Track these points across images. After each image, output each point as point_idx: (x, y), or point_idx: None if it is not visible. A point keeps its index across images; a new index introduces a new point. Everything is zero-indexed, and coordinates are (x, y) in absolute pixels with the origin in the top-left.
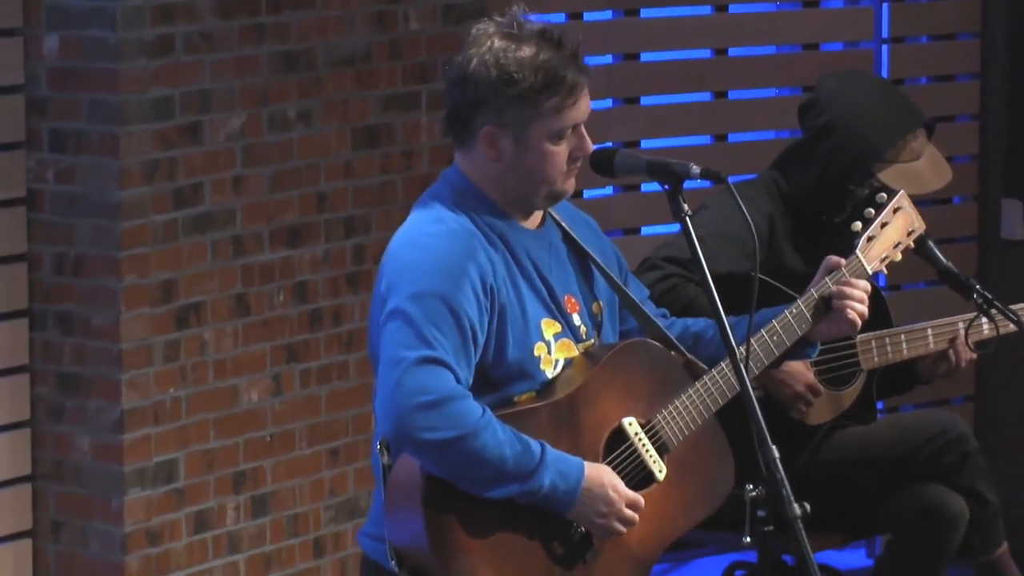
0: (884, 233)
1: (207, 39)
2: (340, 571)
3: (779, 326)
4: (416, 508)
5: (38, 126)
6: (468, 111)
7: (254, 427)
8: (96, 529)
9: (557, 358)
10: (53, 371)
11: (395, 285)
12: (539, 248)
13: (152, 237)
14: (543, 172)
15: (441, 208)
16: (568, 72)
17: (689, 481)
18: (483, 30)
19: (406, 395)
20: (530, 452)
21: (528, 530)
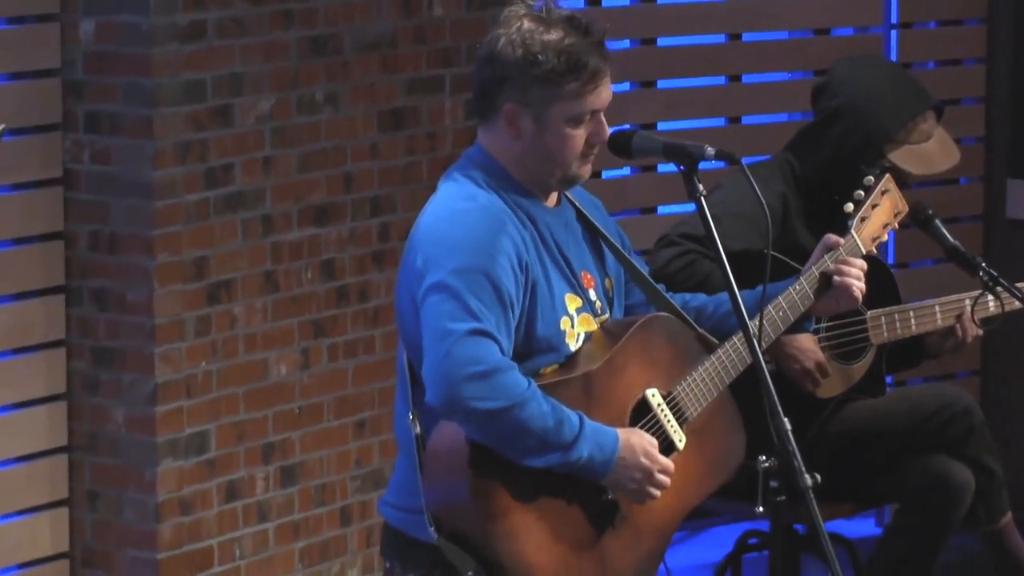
0: (875, 214)
1: (238, 24)
2: (366, 539)
3: (784, 303)
4: (460, 474)
5: (74, 108)
6: (493, 88)
7: (283, 400)
8: (130, 498)
9: (579, 332)
10: (89, 345)
11: (434, 259)
12: (558, 226)
13: (184, 216)
14: (559, 154)
15: (471, 185)
16: (591, 59)
17: (706, 450)
18: (514, 12)
19: (456, 366)
20: (570, 423)
21: (563, 496)
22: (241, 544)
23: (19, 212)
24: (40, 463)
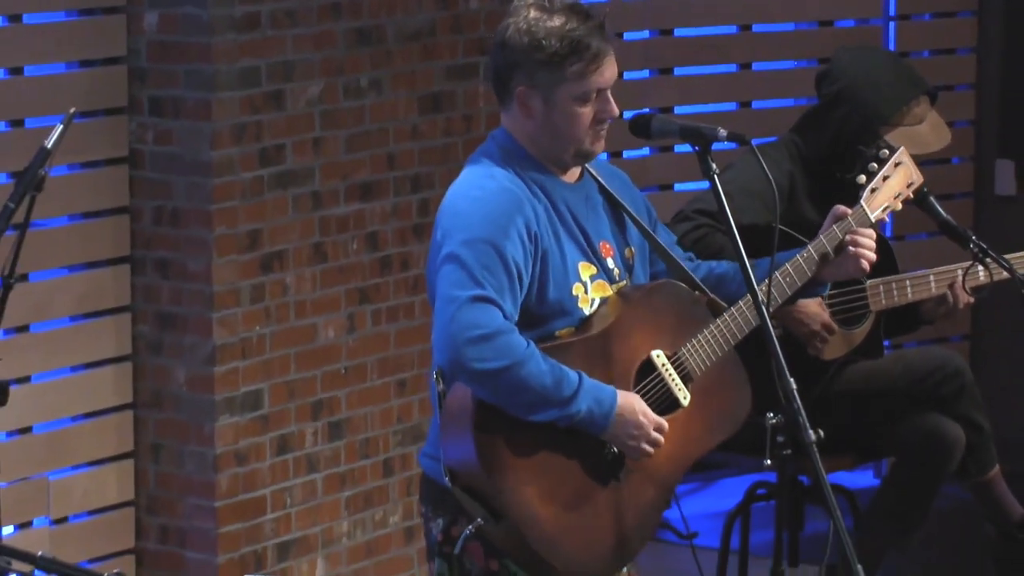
0: (886, 185)
1: (290, 16)
2: (406, 489)
3: (791, 268)
4: (467, 430)
5: (139, 94)
6: (505, 73)
7: (330, 361)
8: (191, 451)
9: (593, 297)
10: (152, 311)
11: (449, 233)
12: (577, 199)
13: (240, 192)
14: (570, 131)
15: (491, 165)
16: (592, 41)
17: (711, 407)
18: (522, 2)
19: (460, 329)
20: (569, 380)
21: (567, 450)
22: (292, 493)
23: (89, 189)
24: (108, 419)
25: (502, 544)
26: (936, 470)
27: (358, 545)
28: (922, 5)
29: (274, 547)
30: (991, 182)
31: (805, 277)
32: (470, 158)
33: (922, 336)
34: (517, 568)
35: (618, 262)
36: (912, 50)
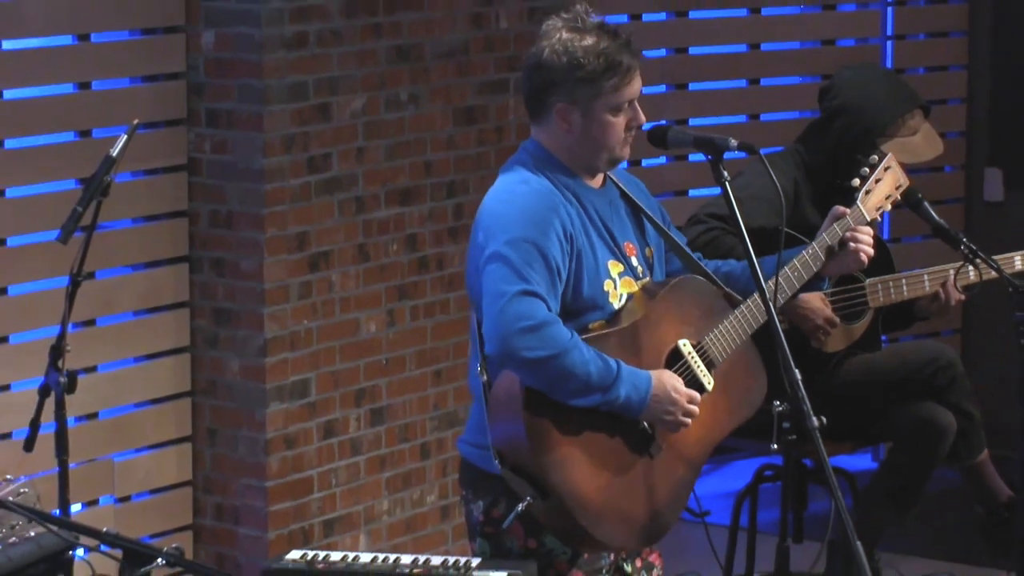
0: (878, 188)
1: (335, 35)
2: (442, 470)
3: (799, 264)
4: (517, 414)
5: (197, 106)
6: (543, 92)
7: (372, 353)
8: (243, 436)
9: (622, 292)
10: (209, 306)
11: (492, 233)
12: (602, 203)
13: (289, 197)
14: (605, 140)
15: (525, 171)
16: (623, 57)
17: (732, 391)
18: (552, 25)
19: (509, 321)
20: (609, 368)
21: (606, 431)
22: (336, 474)
23: (151, 194)
24: (168, 405)
25: (546, 520)
26: (929, 454)
27: (397, 522)
28: (917, 25)
29: (320, 524)
30: (981, 189)
31: (811, 272)
32: (503, 167)
33: (917, 331)
34: (554, 545)
35: (640, 260)
36: (908, 67)
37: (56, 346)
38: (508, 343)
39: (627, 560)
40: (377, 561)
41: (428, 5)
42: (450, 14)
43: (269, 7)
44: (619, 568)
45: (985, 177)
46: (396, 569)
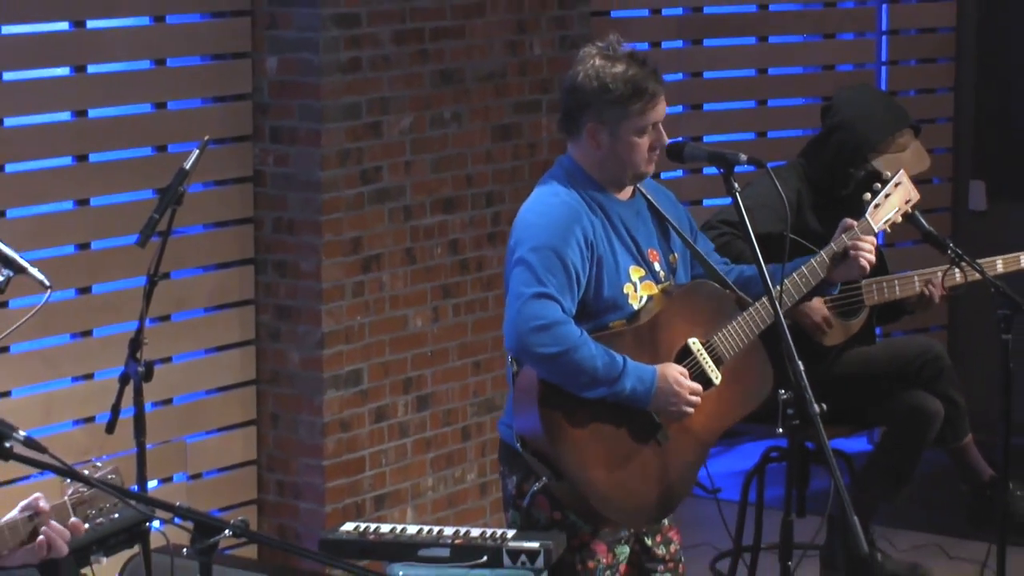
0: (887, 201)
1: (385, 60)
2: (480, 452)
3: (807, 271)
4: (533, 405)
5: (261, 124)
6: (576, 112)
7: (418, 345)
8: (303, 420)
9: (642, 295)
10: (272, 304)
11: (521, 241)
12: (629, 214)
13: (344, 206)
14: (631, 158)
15: (556, 185)
16: (649, 84)
17: (738, 385)
18: (588, 52)
19: (524, 320)
20: (615, 363)
21: (616, 421)
22: (386, 454)
23: (220, 203)
24: (235, 392)
25: (564, 499)
26: (919, 438)
27: (440, 497)
28: (909, 52)
29: (371, 499)
30: (966, 199)
31: (818, 277)
32: (540, 179)
33: (908, 326)
34: (576, 518)
35: (663, 266)
36: (900, 90)
37: (135, 339)
38: (522, 340)
39: (647, 534)
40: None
41: (469, 33)
42: (488, 41)
43: (327, 35)
44: (639, 540)
45: (970, 189)
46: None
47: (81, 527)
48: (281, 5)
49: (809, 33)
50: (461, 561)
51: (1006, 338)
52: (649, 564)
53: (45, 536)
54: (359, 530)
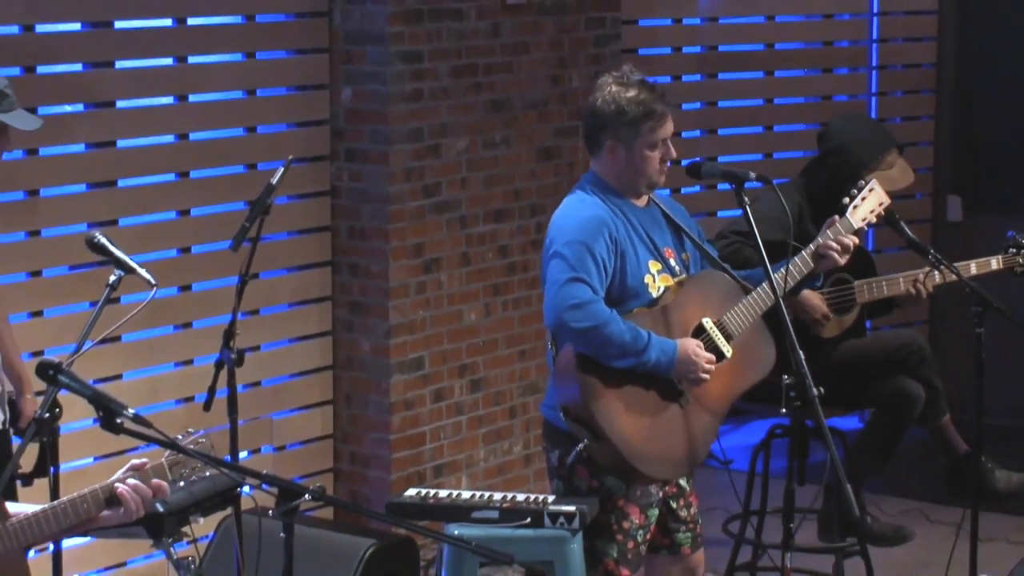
0: (863, 204)
1: (444, 91)
2: (525, 428)
3: (799, 261)
4: (573, 376)
5: (337, 146)
6: (596, 132)
7: (472, 336)
8: (372, 400)
9: (660, 285)
10: (346, 300)
11: (555, 238)
12: (645, 218)
13: (409, 216)
14: (643, 170)
15: (584, 194)
16: (658, 106)
17: (747, 357)
18: (605, 80)
19: (561, 300)
20: (641, 337)
21: (644, 386)
22: (444, 430)
23: (301, 213)
24: (315, 376)
25: (601, 460)
26: (904, 417)
27: (491, 467)
28: (895, 85)
29: (431, 468)
30: (944, 211)
31: (809, 266)
32: (571, 190)
33: (894, 321)
34: (612, 484)
35: (678, 262)
36: (888, 117)
37: (228, 330)
38: (560, 316)
39: (673, 498)
40: (474, 497)
41: (516, 68)
42: (533, 75)
43: (394, 70)
44: (666, 503)
45: (948, 203)
46: (489, 504)
47: (164, 487)
48: (355, 43)
49: (809, 68)
50: (508, 522)
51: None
52: (673, 524)
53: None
54: (420, 495)
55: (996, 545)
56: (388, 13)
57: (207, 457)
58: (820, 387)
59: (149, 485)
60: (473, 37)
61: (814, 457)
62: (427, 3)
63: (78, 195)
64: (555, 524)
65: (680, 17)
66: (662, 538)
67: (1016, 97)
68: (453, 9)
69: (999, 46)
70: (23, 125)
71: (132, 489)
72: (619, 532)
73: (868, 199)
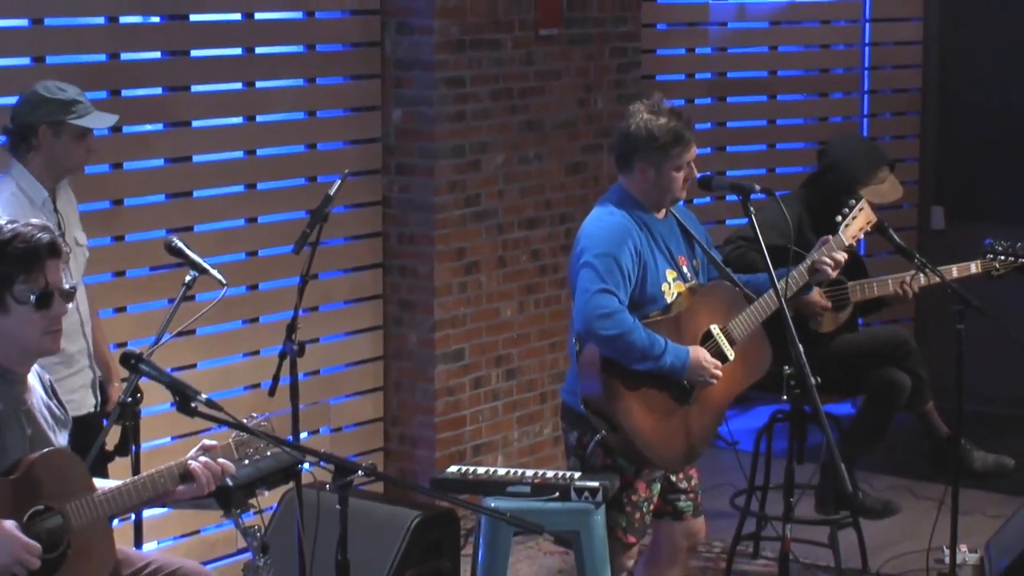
0: (854, 221)
1: (484, 113)
2: (555, 412)
3: (795, 273)
4: (596, 374)
5: (389, 161)
6: (629, 154)
7: (508, 330)
8: (419, 387)
9: (675, 291)
10: (396, 298)
11: (585, 248)
12: (665, 229)
13: (452, 224)
14: (670, 188)
15: (611, 206)
16: (685, 133)
17: (748, 360)
18: (637, 108)
19: (591, 309)
20: (658, 343)
21: (657, 386)
22: (482, 414)
23: (356, 221)
24: (368, 366)
25: (617, 447)
26: (891, 404)
27: (523, 447)
28: (885, 107)
29: (471, 448)
30: (928, 220)
31: (804, 278)
32: (598, 201)
33: (884, 318)
34: (623, 463)
35: (690, 269)
36: (879, 136)
37: (291, 325)
38: (589, 325)
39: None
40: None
41: (548, 92)
42: (563, 98)
43: (439, 94)
44: (667, 477)
45: (932, 213)
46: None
47: (231, 467)
48: (404, 70)
49: (808, 93)
50: (539, 496)
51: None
52: (673, 494)
53: (192, 470)
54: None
55: (974, 518)
56: (434, 43)
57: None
58: (817, 377)
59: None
60: (509, 64)
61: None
62: (469, 34)
63: (158, 204)
64: (580, 498)
65: (693, 47)
66: (664, 506)
67: (992, 119)
68: (492, 40)
69: (976, 73)
70: (101, 123)
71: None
72: (628, 504)
73: (858, 218)
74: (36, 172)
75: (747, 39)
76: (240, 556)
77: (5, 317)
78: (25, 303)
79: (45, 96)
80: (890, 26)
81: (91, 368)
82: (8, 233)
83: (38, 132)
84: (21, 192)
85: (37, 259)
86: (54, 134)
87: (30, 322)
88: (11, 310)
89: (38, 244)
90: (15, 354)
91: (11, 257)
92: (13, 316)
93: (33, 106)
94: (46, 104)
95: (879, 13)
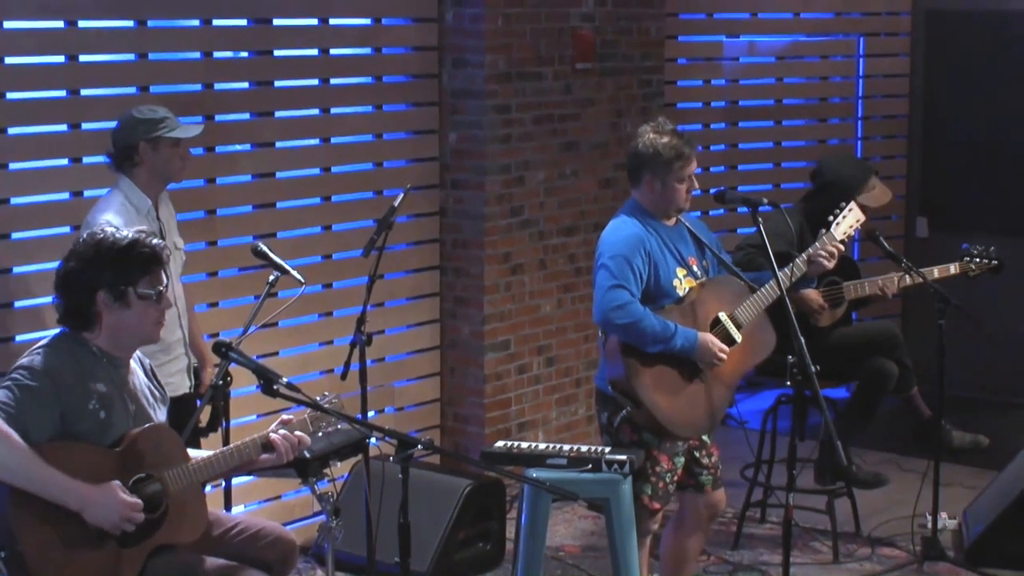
0: (844, 220)
1: (527, 135)
2: (589, 395)
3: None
4: (619, 358)
5: (445, 177)
6: (638, 170)
7: (547, 324)
8: (471, 372)
9: (685, 286)
10: (451, 295)
11: (603, 252)
12: (674, 235)
13: (500, 231)
14: (674, 199)
15: (626, 217)
16: (686, 149)
17: (753, 342)
18: (644, 129)
19: (606, 302)
20: (668, 328)
21: (672, 366)
22: (525, 396)
23: (417, 229)
24: (427, 355)
25: (641, 421)
26: (881, 389)
27: (560, 425)
28: (876, 131)
29: (515, 425)
30: (914, 229)
31: (801, 271)
32: (616, 213)
33: (874, 313)
34: (648, 439)
35: (699, 268)
36: (870, 156)
37: (360, 318)
38: (605, 315)
39: (696, 449)
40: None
41: (584, 118)
42: (597, 123)
43: (488, 119)
44: (691, 453)
45: (916, 223)
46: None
47: (307, 440)
48: (459, 98)
49: (809, 119)
50: (574, 468)
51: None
52: (696, 469)
53: (272, 441)
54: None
55: (954, 489)
56: (485, 75)
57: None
58: (817, 365)
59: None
60: (550, 94)
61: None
62: (514, 67)
63: (246, 214)
64: (610, 469)
65: (709, 79)
66: (688, 479)
67: (971, 142)
68: (535, 72)
69: (957, 101)
70: (189, 133)
71: (283, 438)
72: (652, 475)
73: (848, 217)
74: (141, 184)
75: (756, 72)
76: (316, 518)
77: (126, 311)
78: (147, 299)
79: (139, 117)
80: (880, 61)
81: (187, 355)
82: (131, 239)
83: (139, 149)
84: (128, 202)
85: (157, 261)
86: (152, 148)
87: (147, 315)
88: (132, 305)
89: (157, 248)
90: (130, 342)
91: (136, 259)
92: (134, 310)
93: (131, 127)
94: (142, 124)
95: (871, 50)
